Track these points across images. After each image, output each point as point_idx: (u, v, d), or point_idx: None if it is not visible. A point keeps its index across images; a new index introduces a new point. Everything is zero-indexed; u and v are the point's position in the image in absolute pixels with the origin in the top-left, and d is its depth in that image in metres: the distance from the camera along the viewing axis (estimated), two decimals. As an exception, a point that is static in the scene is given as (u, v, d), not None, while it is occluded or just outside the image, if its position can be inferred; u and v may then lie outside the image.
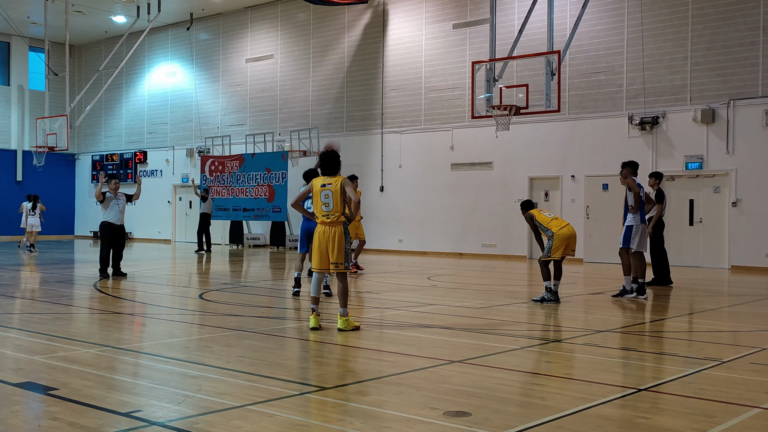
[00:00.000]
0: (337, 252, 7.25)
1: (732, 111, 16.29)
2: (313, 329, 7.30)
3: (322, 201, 7.35)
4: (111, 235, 12.98)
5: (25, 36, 27.59)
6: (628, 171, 10.53)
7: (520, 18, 17.70)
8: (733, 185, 16.28)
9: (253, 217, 23.74)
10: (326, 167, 7.50)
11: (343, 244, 7.27)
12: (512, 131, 16.93)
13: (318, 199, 7.39)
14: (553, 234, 9.70)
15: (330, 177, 7.43)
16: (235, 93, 25.88)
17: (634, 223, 10.49)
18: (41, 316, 8.40)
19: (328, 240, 7.27)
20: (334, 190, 7.32)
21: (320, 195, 7.38)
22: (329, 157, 7.52)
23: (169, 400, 4.62)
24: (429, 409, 4.41)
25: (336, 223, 7.31)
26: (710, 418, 4.27)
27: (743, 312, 9.51)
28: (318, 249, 7.31)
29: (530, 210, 10.09)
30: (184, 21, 27.01)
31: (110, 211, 12.94)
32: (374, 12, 22.34)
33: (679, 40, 17.05)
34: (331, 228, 7.30)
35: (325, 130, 22.95)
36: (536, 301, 9.77)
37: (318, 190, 7.41)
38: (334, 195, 7.31)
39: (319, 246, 7.31)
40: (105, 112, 30.19)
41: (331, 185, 7.35)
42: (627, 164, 10.63)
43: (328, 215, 7.31)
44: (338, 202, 7.30)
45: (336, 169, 7.52)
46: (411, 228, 21.15)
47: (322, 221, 7.35)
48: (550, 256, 9.70)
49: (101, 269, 12.96)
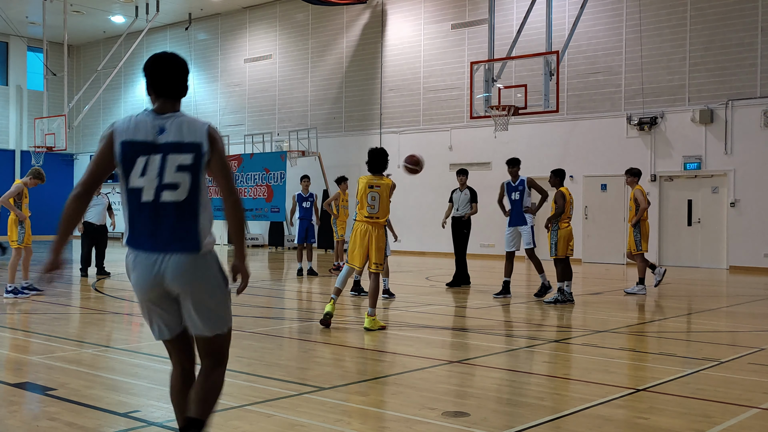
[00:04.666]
0: (376, 252, 7.30)
1: (730, 111, 16.30)
2: (326, 314, 7.27)
3: (368, 202, 7.33)
4: (92, 234, 13.02)
5: (24, 36, 27.57)
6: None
7: (519, 18, 17.71)
8: (732, 185, 16.29)
9: (252, 217, 23.73)
10: (374, 165, 7.39)
11: (383, 245, 7.36)
12: (511, 131, 16.93)
13: (364, 200, 7.35)
14: (558, 229, 9.75)
15: (378, 178, 7.39)
16: (234, 93, 25.87)
17: None
18: (39, 317, 8.39)
19: (370, 239, 7.30)
20: (382, 193, 7.32)
21: (367, 196, 7.34)
22: (378, 155, 7.39)
23: (167, 401, 4.60)
24: (427, 409, 4.41)
25: (379, 224, 7.34)
26: (708, 419, 4.27)
27: (741, 312, 9.52)
28: (359, 247, 7.31)
29: (561, 186, 9.99)
30: (183, 21, 27.00)
31: (90, 211, 12.98)
32: (373, 12, 22.34)
33: (677, 41, 17.06)
34: (375, 228, 7.33)
35: (324, 131, 22.94)
36: (549, 303, 9.70)
37: (365, 191, 7.36)
38: (381, 198, 7.32)
39: (360, 245, 7.30)
40: (103, 112, 30.17)
41: (379, 187, 7.34)
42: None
43: (371, 216, 7.32)
44: (385, 205, 7.33)
45: (384, 168, 7.42)
46: (409, 228, 21.15)
47: (365, 220, 7.34)
48: (557, 253, 9.73)
49: (82, 268, 13.02)
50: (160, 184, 2.91)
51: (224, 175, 3.05)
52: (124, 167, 2.95)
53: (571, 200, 10.01)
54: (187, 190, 2.94)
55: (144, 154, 2.91)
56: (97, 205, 13.07)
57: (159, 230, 2.92)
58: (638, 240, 11.02)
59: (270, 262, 18.62)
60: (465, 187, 11.90)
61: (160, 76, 3.05)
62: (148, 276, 2.92)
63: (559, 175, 10.14)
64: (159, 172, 2.89)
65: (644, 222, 11.11)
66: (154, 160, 2.91)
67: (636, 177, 11.23)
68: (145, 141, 2.92)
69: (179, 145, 2.93)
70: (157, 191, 2.90)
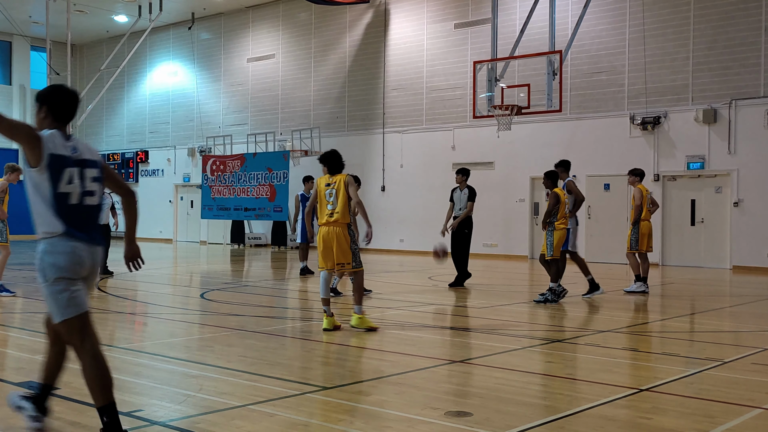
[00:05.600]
0: (339, 253, 7.18)
1: (734, 111, 16.27)
2: (325, 330, 7.19)
3: (327, 200, 7.26)
4: None
5: (27, 35, 27.60)
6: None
7: (522, 18, 17.70)
8: (735, 185, 16.26)
9: (254, 216, 23.75)
10: (330, 165, 7.40)
11: (345, 244, 7.19)
12: (514, 131, 16.93)
13: (323, 199, 7.29)
14: (554, 230, 9.73)
15: (333, 176, 7.35)
16: (237, 92, 25.89)
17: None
18: (42, 316, 8.40)
19: (332, 241, 7.20)
20: (338, 188, 7.24)
21: (325, 194, 7.29)
22: (332, 156, 7.43)
23: (170, 400, 4.62)
24: (430, 409, 4.41)
25: (338, 223, 7.22)
26: (711, 419, 4.26)
27: (745, 312, 9.50)
28: (324, 250, 7.24)
29: (555, 188, 9.84)
30: (186, 20, 27.02)
31: None
32: (375, 11, 22.34)
33: (680, 40, 17.03)
34: (334, 228, 7.21)
35: (327, 130, 22.95)
36: (539, 302, 9.72)
37: (322, 189, 7.33)
38: (339, 192, 7.22)
39: (324, 247, 7.25)
40: (106, 111, 30.20)
41: (335, 183, 7.28)
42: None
43: (332, 214, 7.21)
44: (343, 200, 7.20)
45: (340, 167, 7.41)
46: (412, 228, 21.14)
47: (326, 221, 7.25)
48: (552, 254, 9.71)
49: None
50: (83, 191, 3.70)
51: (118, 180, 4.02)
52: (52, 175, 3.61)
53: (566, 201, 9.98)
54: (99, 196, 3.82)
55: (68, 167, 3.65)
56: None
57: (89, 227, 3.74)
58: (634, 239, 11.05)
59: (272, 261, 18.63)
60: (465, 186, 11.82)
61: (67, 107, 3.78)
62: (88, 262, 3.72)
63: (550, 177, 9.97)
64: (81, 182, 3.68)
65: (644, 222, 11.12)
66: (75, 172, 3.68)
67: (638, 177, 11.23)
68: (68, 156, 3.66)
69: (90, 162, 3.76)
70: (81, 197, 3.70)
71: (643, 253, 11.15)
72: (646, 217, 11.20)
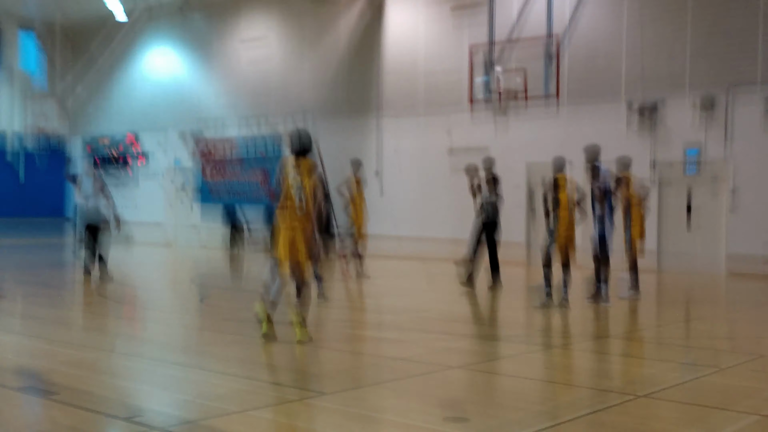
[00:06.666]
0: (304, 252, 6.42)
1: (731, 98, 16.25)
2: (265, 335, 6.62)
3: (293, 189, 6.36)
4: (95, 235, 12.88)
5: (16, 15, 27.21)
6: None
7: (519, 2, 17.54)
8: (731, 173, 16.29)
9: (246, 200, 23.67)
10: (292, 146, 6.42)
11: (311, 242, 6.45)
12: (510, 117, 16.85)
13: (290, 187, 6.35)
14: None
15: (298, 159, 6.40)
16: (229, 75, 25.64)
17: None
18: (41, 320, 8.34)
19: (298, 236, 6.38)
20: (302, 177, 6.35)
21: (291, 182, 6.35)
22: (295, 135, 6.46)
23: (169, 405, 4.62)
24: (428, 414, 4.42)
25: (306, 216, 6.39)
26: (709, 425, 4.29)
27: (742, 318, 9.49)
28: (285, 247, 6.38)
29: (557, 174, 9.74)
30: (177, 1, 26.66)
31: (95, 213, 12.78)
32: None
33: (678, 27, 16.93)
34: (301, 222, 6.38)
35: (321, 114, 22.79)
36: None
37: (290, 174, 6.36)
38: (303, 181, 6.35)
39: (288, 242, 6.38)
40: (96, 94, 29.89)
41: (300, 169, 6.36)
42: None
43: (301, 207, 6.37)
44: (309, 192, 6.34)
45: (304, 150, 6.39)
46: (407, 211, 21.12)
47: (293, 214, 6.37)
48: None
49: (85, 269, 12.87)
50: None
51: None
52: None
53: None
54: None
55: None
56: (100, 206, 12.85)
57: None
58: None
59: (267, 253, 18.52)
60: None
61: None
62: None
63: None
64: None
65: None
66: None
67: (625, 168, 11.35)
68: None
69: None
70: None
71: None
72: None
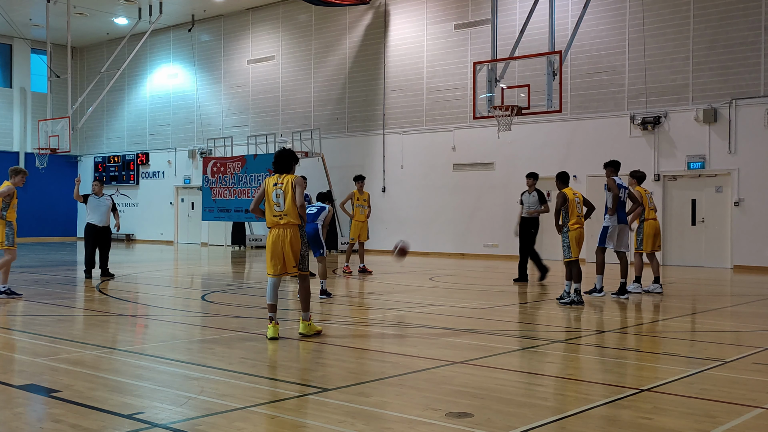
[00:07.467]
0: (292, 257, 6.89)
1: (734, 110, 16.27)
2: (272, 339, 6.86)
3: (274, 201, 6.92)
4: (95, 236, 13.03)
5: (27, 38, 27.64)
6: (609, 171, 10.62)
7: (522, 18, 17.70)
8: (736, 185, 16.26)
9: (255, 218, 23.75)
10: (276, 164, 7.06)
11: (297, 247, 6.90)
12: (514, 131, 16.92)
13: (271, 200, 6.94)
14: (568, 231, 9.75)
15: (282, 175, 6.99)
16: (237, 94, 25.90)
17: (611, 223, 10.51)
18: (44, 318, 8.41)
19: (283, 244, 6.88)
20: (286, 189, 6.89)
21: (272, 195, 6.93)
22: (280, 154, 7.08)
23: (171, 402, 4.62)
24: (431, 410, 4.41)
25: (291, 225, 6.90)
26: (713, 419, 4.26)
27: (746, 312, 9.50)
28: (273, 254, 6.92)
29: (564, 188, 9.97)
30: (186, 22, 27.05)
31: (94, 213, 13.00)
32: (375, 13, 22.35)
33: (680, 40, 17.03)
34: (286, 231, 6.89)
35: (327, 131, 22.95)
36: (565, 304, 9.60)
37: (270, 190, 6.96)
38: (286, 194, 6.88)
39: (274, 251, 6.91)
40: (107, 113, 30.23)
41: (282, 184, 6.93)
42: (608, 164, 10.73)
43: (281, 216, 6.90)
44: (290, 203, 6.86)
45: (287, 167, 7.05)
46: (413, 228, 21.14)
47: (275, 224, 6.91)
48: (571, 255, 9.71)
49: (86, 270, 13.04)
50: None
51: None
52: None
53: (575, 201, 10.00)
54: None
55: None
56: (100, 207, 13.08)
57: None
58: (639, 239, 11.12)
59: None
60: (533, 189, 12.55)
61: None
62: None
63: (560, 178, 10.27)
64: None
65: (648, 221, 11.14)
66: None
67: (635, 180, 11.32)
68: None
69: None
70: None
71: (650, 253, 11.17)
72: (650, 216, 11.22)
